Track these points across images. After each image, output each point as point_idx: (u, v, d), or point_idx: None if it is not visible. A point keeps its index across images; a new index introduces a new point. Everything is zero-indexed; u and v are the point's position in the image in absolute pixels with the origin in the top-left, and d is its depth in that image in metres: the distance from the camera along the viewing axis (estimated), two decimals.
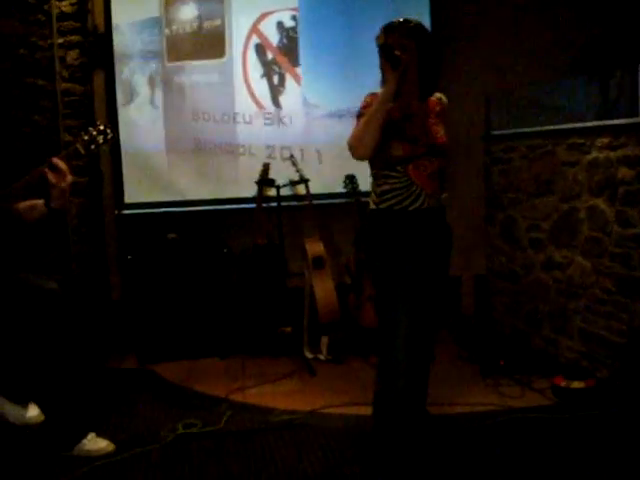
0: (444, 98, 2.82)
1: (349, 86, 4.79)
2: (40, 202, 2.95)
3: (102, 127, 2.98)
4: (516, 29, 5.03)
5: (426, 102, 2.73)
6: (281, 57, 4.96)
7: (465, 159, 5.11)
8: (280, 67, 4.96)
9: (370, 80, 2.88)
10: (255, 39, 4.92)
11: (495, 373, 3.96)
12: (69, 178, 2.85)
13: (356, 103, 2.79)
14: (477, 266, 5.10)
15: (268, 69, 4.96)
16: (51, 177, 2.82)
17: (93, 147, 2.95)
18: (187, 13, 4.92)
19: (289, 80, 4.97)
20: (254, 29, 4.91)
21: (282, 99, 4.97)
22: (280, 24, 4.93)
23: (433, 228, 2.72)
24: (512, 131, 4.63)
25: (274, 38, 4.93)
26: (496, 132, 4.88)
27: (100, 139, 2.96)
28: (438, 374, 3.98)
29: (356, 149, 2.61)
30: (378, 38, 2.66)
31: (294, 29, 4.93)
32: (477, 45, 5.04)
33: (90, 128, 2.97)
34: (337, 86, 4.93)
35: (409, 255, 2.65)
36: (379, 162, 2.69)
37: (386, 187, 2.67)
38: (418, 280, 2.65)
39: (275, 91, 4.97)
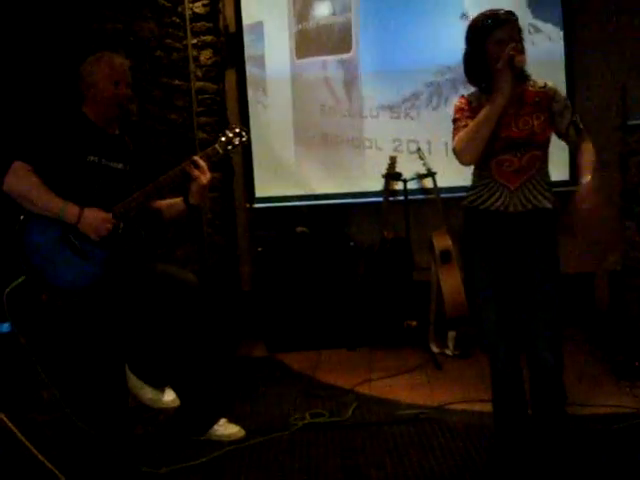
0: (550, 84, 2.60)
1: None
2: (179, 200, 3.12)
3: (238, 130, 3.12)
4: None
5: (522, 93, 2.57)
6: None
7: (600, 150, 4.90)
8: None
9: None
10: None
11: (630, 374, 3.79)
12: (209, 175, 3.01)
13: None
14: (612, 262, 4.89)
15: None
16: (193, 173, 2.97)
17: (230, 147, 3.09)
18: (316, 9, 5.00)
19: None
20: None
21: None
22: None
23: (518, 231, 2.58)
24: None
25: None
26: (633, 122, 4.65)
27: (236, 141, 3.10)
28: (569, 373, 3.87)
29: (462, 153, 2.52)
30: (510, 52, 2.41)
31: None
32: (611, 34, 4.84)
33: (227, 130, 3.12)
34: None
35: (489, 254, 2.60)
36: None
37: (473, 184, 2.65)
38: (498, 280, 2.61)
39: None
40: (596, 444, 2.97)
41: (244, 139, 3.11)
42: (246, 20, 5.03)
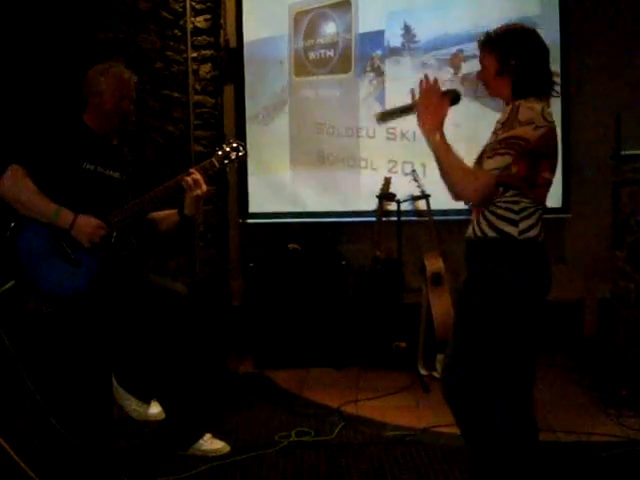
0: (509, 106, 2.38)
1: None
2: (174, 212, 3.12)
3: (235, 144, 3.11)
4: None
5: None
6: None
7: (592, 179, 4.95)
8: None
9: None
10: None
11: (617, 403, 3.79)
12: (204, 188, 3.01)
13: None
14: (602, 290, 4.91)
15: None
16: (189, 184, 2.97)
17: (226, 162, 3.09)
18: (315, 30, 5.04)
19: None
20: None
21: None
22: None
23: (468, 260, 2.51)
24: None
25: None
26: (627, 152, 4.68)
27: (233, 155, 3.09)
28: (555, 400, 3.88)
29: None
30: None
31: None
32: (606, 62, 4.90)
33: (224, 144, 3.12)
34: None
35: None
36: None
37: None
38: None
39: None
40: (582, 472, 2.97)
41: (241, 154, 3.11)
42: (247, 36, 5.07)
